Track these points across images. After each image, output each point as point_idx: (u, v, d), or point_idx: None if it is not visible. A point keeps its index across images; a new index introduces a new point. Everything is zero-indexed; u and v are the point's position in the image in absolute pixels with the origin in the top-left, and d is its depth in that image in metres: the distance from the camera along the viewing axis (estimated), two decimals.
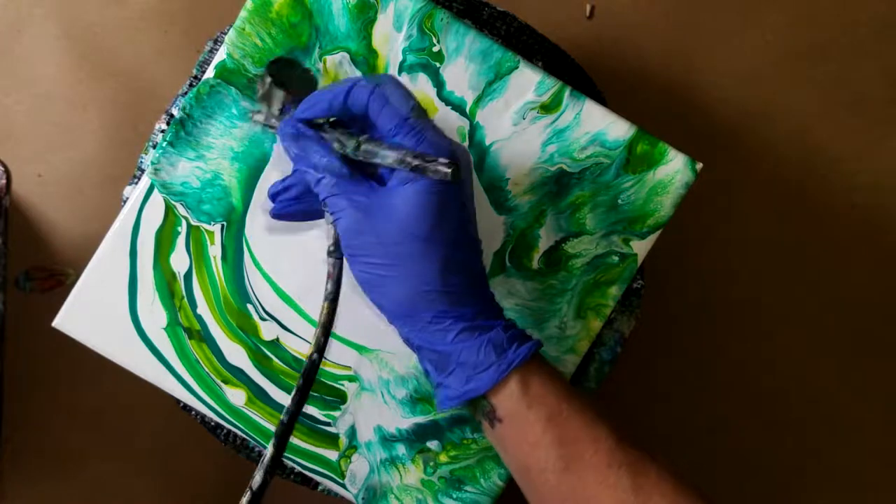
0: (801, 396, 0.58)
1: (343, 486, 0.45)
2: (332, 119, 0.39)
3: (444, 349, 0.36)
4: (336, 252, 0.38)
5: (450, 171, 0.34)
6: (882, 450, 0.59)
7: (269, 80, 0.42)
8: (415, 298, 0.36)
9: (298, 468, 0.45)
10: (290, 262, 0.44)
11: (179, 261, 0.44)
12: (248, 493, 0.36)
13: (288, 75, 0.42)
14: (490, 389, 0.36)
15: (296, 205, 0.40)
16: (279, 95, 0.42)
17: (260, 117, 0.43)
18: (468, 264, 0.37)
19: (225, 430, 0.48)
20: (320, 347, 0.38)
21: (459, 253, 0.36)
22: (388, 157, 0.36)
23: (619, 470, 0.35)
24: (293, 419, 0.37)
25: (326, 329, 0.38)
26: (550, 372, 0.37)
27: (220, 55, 0.43)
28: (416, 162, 0.35)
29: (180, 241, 0.44)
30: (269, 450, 0.36)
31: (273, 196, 0.40)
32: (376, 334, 0.44)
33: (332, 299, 0.38)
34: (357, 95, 0.37)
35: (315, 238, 0.44)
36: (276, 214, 0.40)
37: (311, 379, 0.37)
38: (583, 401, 0.37)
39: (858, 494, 0.59)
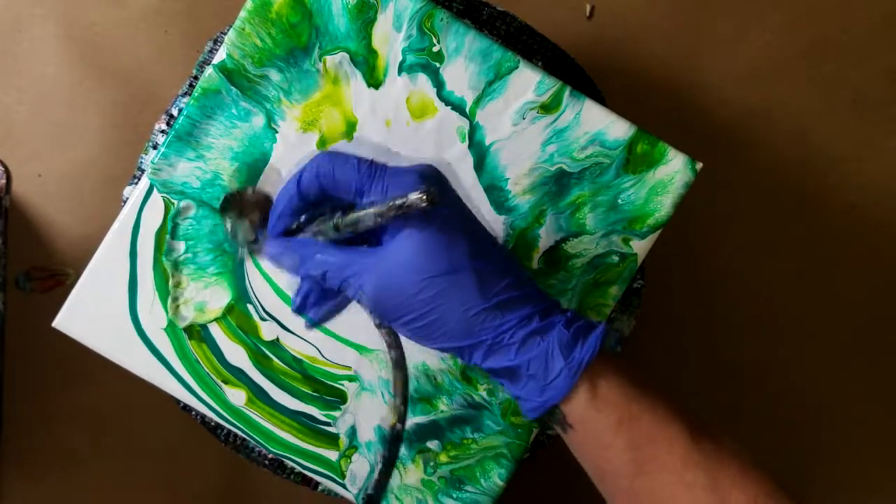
0: (802, 395, 0.58)
1: (343, 486, 0.45)
2: (303, 218, 0.39)
3: (511, 364, 0.35)
4: (382, 322, 0.39)
5: (425, 196, 0.33)
6: (885, 450, 0.59)
7: (228, 221, 0.43)
8: (468, 326, 0.35)
9: (299, 468, 0.45)
10: None
11: None
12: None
13: (240, 204, 0.43)
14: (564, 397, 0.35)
15: (324, 306, 0.41)
16: (245, 228, 0.42)
17: (242, 252, 0.43)
18: (499, 266, 0.36)
19: (225, 431, 0.48)
20: (401, 416, 0.39)
21: (483, 261, 0.35)
22: (366, 219, 0.35)
23: (695, 469, 0.34)
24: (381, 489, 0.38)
25: (405, 397, 0.39)
26: (618, 367, 0.36)
27: (220, 55, 0.43)
28: (392, 211, 0.34)
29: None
30: None
31: (299, 310, 0.41)
32: (376, 334, 0.44)
33: (401, 366, 0.39)
34: (308, 188, 0.37)
35: None
36: (314, 323, 0.42)
37: (396, 449, 0.38)
38: (653, 397, 0.36)
39: (860, 495, 0.59)
